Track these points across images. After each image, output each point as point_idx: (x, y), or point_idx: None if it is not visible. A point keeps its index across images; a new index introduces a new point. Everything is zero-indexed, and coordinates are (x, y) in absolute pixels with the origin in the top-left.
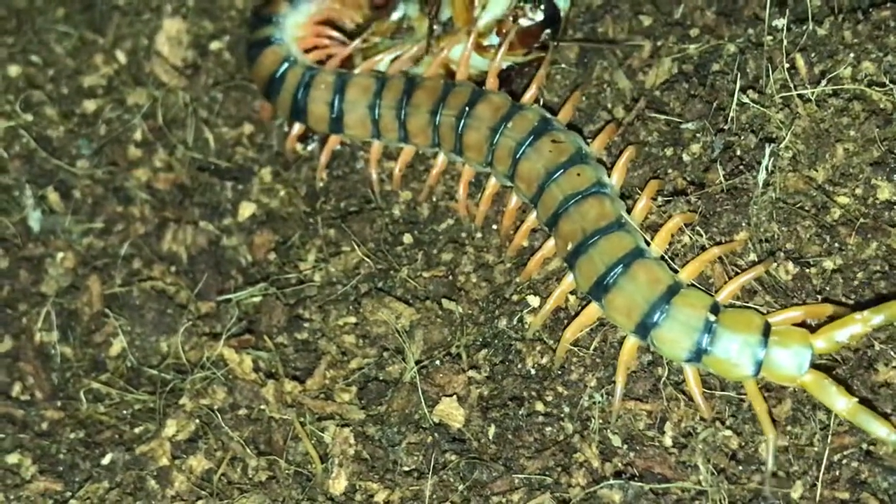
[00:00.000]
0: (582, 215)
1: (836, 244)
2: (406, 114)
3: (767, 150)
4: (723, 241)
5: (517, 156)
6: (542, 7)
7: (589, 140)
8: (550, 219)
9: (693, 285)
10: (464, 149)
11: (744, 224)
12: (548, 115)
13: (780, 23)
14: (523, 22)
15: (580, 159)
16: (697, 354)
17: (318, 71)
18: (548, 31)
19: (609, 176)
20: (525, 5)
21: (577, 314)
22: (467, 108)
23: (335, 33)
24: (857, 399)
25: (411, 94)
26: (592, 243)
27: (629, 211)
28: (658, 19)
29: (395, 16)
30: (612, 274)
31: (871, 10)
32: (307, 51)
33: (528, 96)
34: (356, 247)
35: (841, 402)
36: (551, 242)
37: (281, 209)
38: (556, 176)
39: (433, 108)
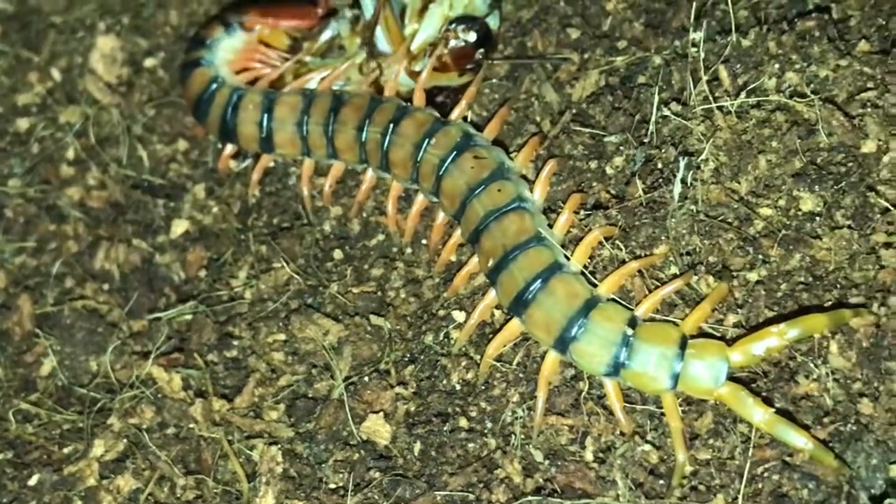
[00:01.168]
0: (502, 231)
1: (760, 256)
2: (334, 130)
3: (682, 163)
4: (642, 254)
5: (440, 172)
6: (475, 28)
7: (514, 154)
8: (473, 235)
9: (613, 299)
10: (390, 165)
11: (663, 237)
12: (471, 130)
13: (698, 35)
14: (455, 43)
15: (501, 175)
16: (616, 368)
17: (245, 91)
18: (481, 51)
19: (531, 190)
20: (457, 27)
21: (500, 328)
22: (392, 125)
23: (270, 53)
24: (773, 410)
25: (338, 110)
26: (512, 259)
27: (551, 225)
28: (586, 32)
29: (327, 35)
30: (531, 289)
31: (796, 20)
32: (239, 72)
33: (456, 112)
34: (285, 264)
35: (758, 414)
36: (472, 261)
37: (214, 226)
38: (477, 192)
39: (359, 125)
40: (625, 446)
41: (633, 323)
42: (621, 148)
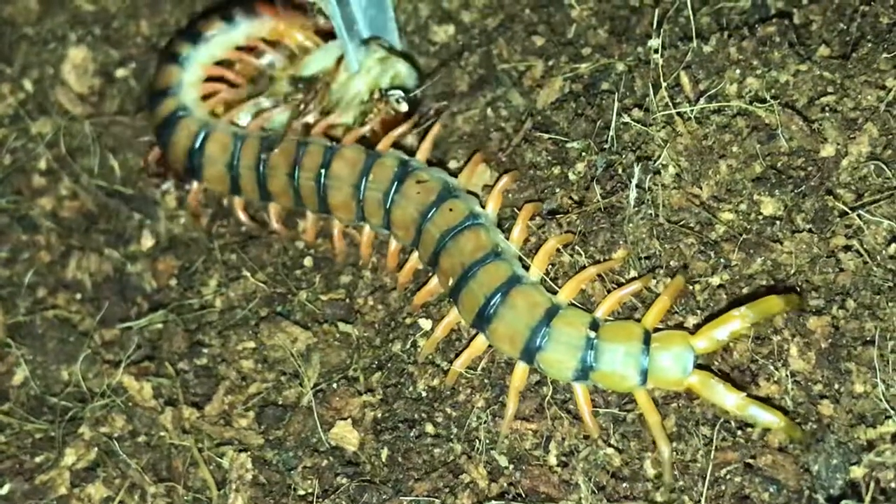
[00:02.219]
0: (459, 250)
1: (721, 260)
2: (265, 176)
3: (637, 169)
4: (601, 259)
5: (387, 206)
6: (407, 99)
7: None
8: (432, 258)
9: (573, 305)
10: (331, 209)
11: (621, 242)
12: (405, 157)
13: (656, 43)
14: (388, 109)
15: (449, 194)
16: (584, 372)
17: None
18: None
19: (484, 205)
20: (392, 96)
21: (467, 344)
22: (324, 170)
23: (229, 74)
24: (745, 393)
25: (269, 156)
26: (472, 275)
27: (507, 237)
28: (551, 39)
29: (263, 61)
30: (491, 304)
31: (757, 25)
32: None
33: (421, 154)
34: (250, 274)
35: (730, 399)
36: (431, 283)
37: (184, 235)
38: (429, 215)
39: (290, 171)
40: (587, 450)
41: (594, 325)
42: (583, 154)
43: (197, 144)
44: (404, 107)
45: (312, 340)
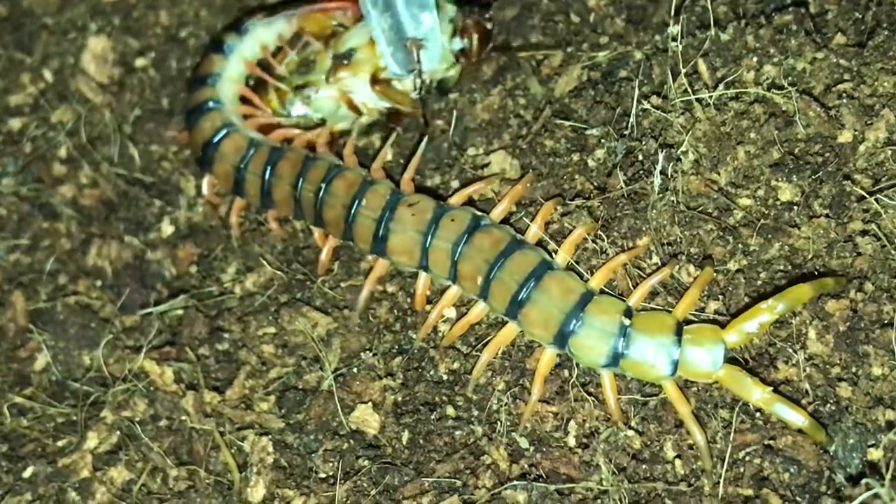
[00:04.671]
0: (478, 250)
1: (739, 245)
2: (270, 184)
3: (661, 156)
4: (624, 245)
5: (381, 233)
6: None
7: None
8: (450, 271)
9: (604, 291)
10: (326, 224)
11: (644, 228)
12: (395, 186)
13: (675, 29)
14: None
15: (444, 211)
16: (615, 359)
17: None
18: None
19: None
20: (481, 11)
21: (495, 334)
22: (323, 185)
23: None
24: (771, 388)
25: (276, 163)
26: (499, 267)
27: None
28: (569, 28)
29: (297, 52)
30: (524, 289)
31: (773, 14)
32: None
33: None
34: (267, 264)
35: (756, 393)
36: (451, 292)
37: (204, 222)
38: (431, 233)
39: (294, 182)
40: (608, 432)
41: (628, 313)
42: (602, 141)
43: (216, 138)
44: (490, 23)
45: (333, 326)
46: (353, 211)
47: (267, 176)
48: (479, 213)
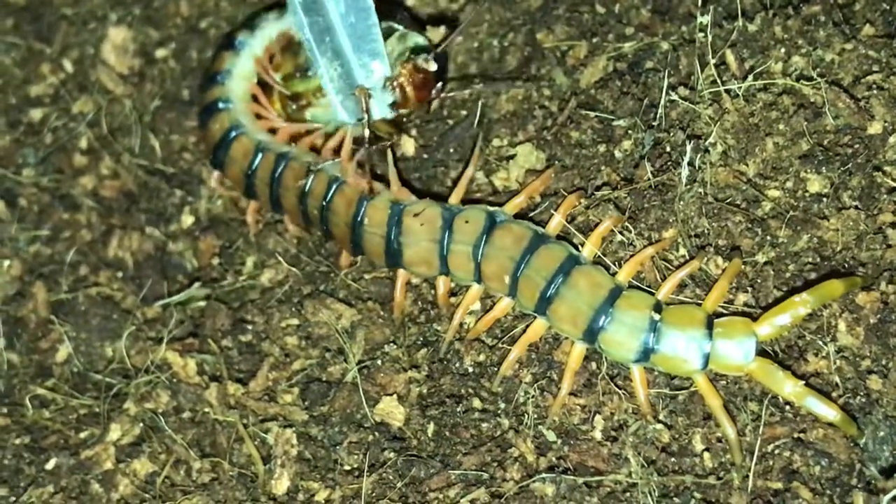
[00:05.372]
0: (500, 248)
1: (768, 237)
2: (278, 194)
3: (689, 147)
4: (651, 236)
5: (392, 248)
6: (433, 58)
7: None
8: (475, 273)
9: (633, 285)
10: (336, 241)
11: (671, 220)
12: (395, 196)
13: (705, 19)
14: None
15: (453, 214)
16: (645, 354)
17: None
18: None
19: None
20: (417, 57)
21: (524, 330)
22: (325, 202)
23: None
24: (802, 382)
25: (282, 173)
26: (525, 264)
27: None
28: (594, 19)
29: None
30: (553, 285)
31: (801, 5)
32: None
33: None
34: (282, 260)
35: (788, 387)
36: (474, 290)
37: (225, 214)
38: (446, 238)
39: (299, 195)
40: (636, 425)
41: (658, 308)
42: (629, 132)
43: (226, 141)
44: (433, 65)
45: (357, 318)
46: (357, 230)
47: (274, 185)
48: (492, 210)
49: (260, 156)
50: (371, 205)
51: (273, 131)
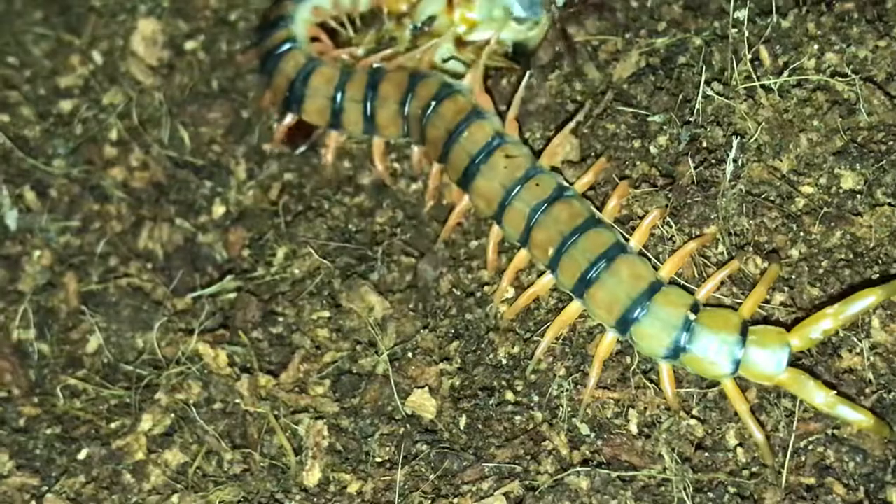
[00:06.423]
0: (554, 219)
1: (801, 233)
2: (374, 107)
3: (735, 143)
4: (692, 232)
5: (471, 170)
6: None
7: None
8: (523, 235)
9: (673, 282)
10: (426, 143)
11: (713, 216)
12: (502, 129)
13: (742, 14)
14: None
15: (535, 172)
16: (675, 352)
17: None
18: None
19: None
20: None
21: (560, 313)
22: (433, 103)
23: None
24: (835, 392)
25: (377, 85)
26: (572, 243)
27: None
28: (627, 14)
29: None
30: (595, 269)
31: (834, 1)
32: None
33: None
34: (313, 251)
35: (819, 397)
36: (520, 255)
37: (255, 206)
38: (516, 192)
39: (401, 100)
40: (670, 421)
41: (695, 308)
42: (665, 127)
43: (302, 76)
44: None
45: (388, 310)
46: (453, 139)
47: (369, 100)
48: (565, 184)
49: (346, 79)
50: (478, 123)
51: None
